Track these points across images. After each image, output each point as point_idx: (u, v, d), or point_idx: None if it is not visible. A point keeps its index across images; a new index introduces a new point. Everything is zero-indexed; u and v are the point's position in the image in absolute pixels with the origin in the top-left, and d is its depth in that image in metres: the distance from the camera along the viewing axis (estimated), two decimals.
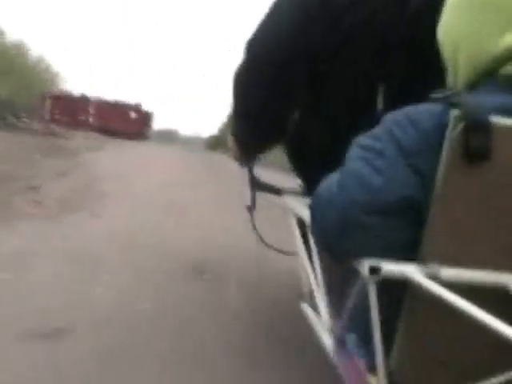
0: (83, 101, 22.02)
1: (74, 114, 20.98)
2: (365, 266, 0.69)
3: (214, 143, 27.61)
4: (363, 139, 0.78)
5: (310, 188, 1.18)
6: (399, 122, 0.74)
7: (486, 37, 0.76)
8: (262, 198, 1.62)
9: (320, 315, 1.07)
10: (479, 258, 0.71)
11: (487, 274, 0.70)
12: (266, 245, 1.69)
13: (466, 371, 0.74)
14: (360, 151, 0.76)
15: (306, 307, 1.26)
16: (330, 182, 0.79)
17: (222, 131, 28.09)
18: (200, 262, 2.23)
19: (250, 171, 1.64)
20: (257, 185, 1.63)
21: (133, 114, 22.18)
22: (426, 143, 0.71)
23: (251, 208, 1.65)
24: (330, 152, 0.84)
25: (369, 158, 0.74)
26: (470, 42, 0.78)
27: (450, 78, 0.85)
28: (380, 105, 1.11)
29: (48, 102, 21.13)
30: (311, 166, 0.95)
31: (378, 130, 0.77)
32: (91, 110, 21.58)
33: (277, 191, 1.55)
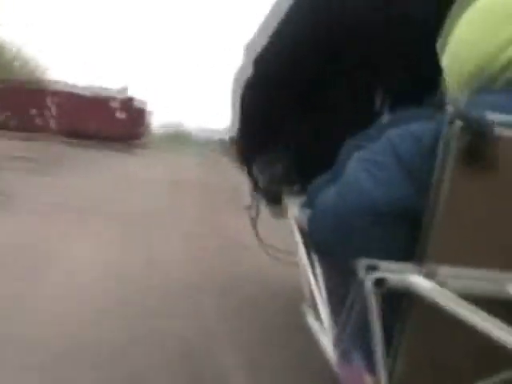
0: (39, 91, 21.24)
1: (25, 111, 20.53)
2: (361, 265, 1.18)
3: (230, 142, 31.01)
4: (363, 152, 1.34)
5: (305, 188, 1.80)
6: (401, 136, 1.30)
7: (495, 45, 1.35)
8: None
9: (322, 322, 1.65)
10: (475, 259, 1.21)
11: (482, 273, 1.20)
12: (265, 246, 2.55)
13: (466, 375, 1.22)
14: (361, 162, 1.32)
15: (308, 314, 1.90)
16: (328, 194, 1.36)
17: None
18: None
19: (250, 172, 2.47)
20: (257, 186, 2.45)
21: (118, 107, 21.59)
22: (426, 155, 1.23)
23: (250, 209, 2.54)
24: (326, 152, 1.44)
25: (369, 169, 1.28)
26: (479, 50, 1.37)
27: (448, 83, 1.43)
28: (377, 106, 1.78)
29: None
30: (307, 166, 1.55)
31: (378, 144, 1.33)
32: (51, 105, 21.10)
33: (277, 193, 2.36)
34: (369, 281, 1.16)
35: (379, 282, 1.16)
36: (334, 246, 1.33)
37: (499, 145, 1.19)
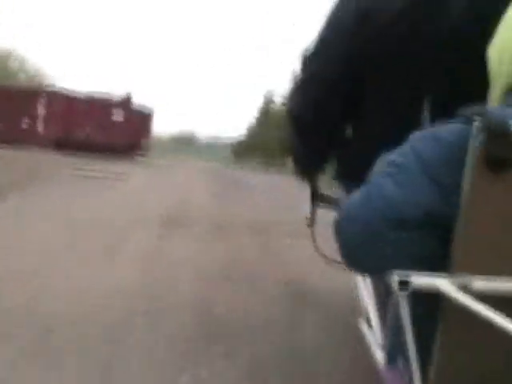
0: (29, 94, 20.81)
1: (12, 117, 20.19)
2: (394, 279, 1.29)
3: (243, 150, 34.95)
4: (387, 155, 1.45)
5: None
6: (423, 137, 1.41)
7: None
8: None
9: (373, 331, 1.88)
10: (509, 267, 1.28)
11: None
12: (327, 260, 2.66)
13: (503, 381, 1.34)
14: (383, 166, 1.44)
15: (361, 323, 2.15)
16: (354, 196, 1.47)
17: (251, 135, 35.71)
18: None
19: (313, 187, 2.67)
20: (320, 199, 2.68)
21: (118, 115, 21.18)
22: (449, 157, 1.34)
23: (311, 224, 2.71)
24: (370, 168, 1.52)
25: (392, 172, 1.40)
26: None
27: (491, 93, 1.50)
28: (426, 120, 1.89)
29: None
30: (359, 181, 1.57)
31: (402, 147, 1.44)
32: (41, 110, 20.69)
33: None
34: (395, 283, 1.27)
35: (404, 284, 1.27)
36: (362, 255, 1.45)
37: None
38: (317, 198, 2.72)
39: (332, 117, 2.25)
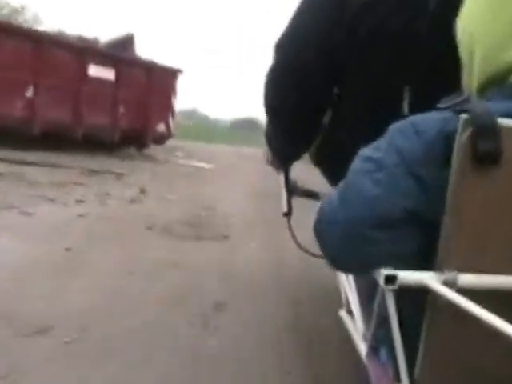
0: None
1: None
2: (381, 275, 1.32)
3: None
4: (364, 150, 1.45)
5: None
6: (402, 130, 1.40)
7: (502, 41, 1.38)
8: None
9: (355, 321, 1.95)
10: (496, 263, 1.31)
11: (505, 279, 1.31)
12: (305, 251, 2.75)
13: (489, 378, 1.37)
14: (361, 163, 1.44)
15: (343, 313, 2.23)
16: (332, 196, 1.48)
17: None
18: None
19: (286, 176, 2.70)
20: (293, 190, 2.73)
21: (104, 70, 11.90)
22: (430, 151, 1.33)
23: (288, 214, 2.74)
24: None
25: (369, 169, 1.40)
26: (484, 45, 1.41)
27: (464, 81, 1.52)
28: (406, 109, 1.89)
29: None
30: (340, 171, 1.57)
31: (380, 140, 1.43)
32: None
33: (314, 196, 2.65)
34: (382, 278, 1.30)
35: (391, 280, 1.29)
36: (346, 257, 1.46)
37: (504, 137, 1.24)
38: (291, 187, 2.75)
39: (304, 106, 2.23)
